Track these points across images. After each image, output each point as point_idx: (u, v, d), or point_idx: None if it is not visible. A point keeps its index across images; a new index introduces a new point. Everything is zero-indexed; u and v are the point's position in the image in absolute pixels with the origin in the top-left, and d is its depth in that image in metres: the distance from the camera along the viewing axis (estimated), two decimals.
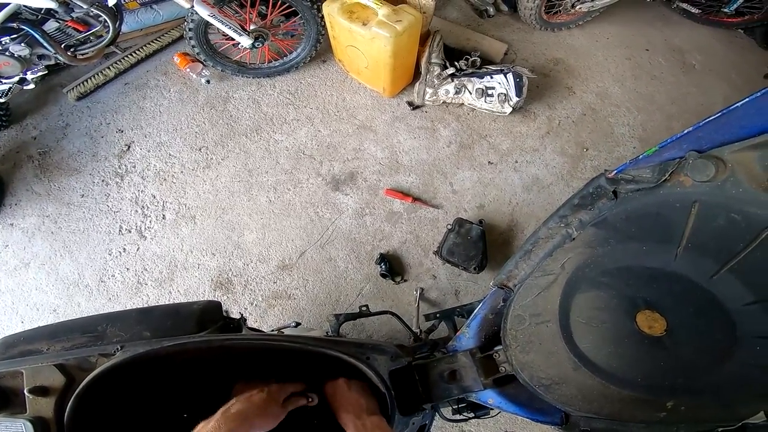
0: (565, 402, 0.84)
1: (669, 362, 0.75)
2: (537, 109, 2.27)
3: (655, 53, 2.59)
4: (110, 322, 0.88)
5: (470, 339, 1.02)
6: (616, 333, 0.80)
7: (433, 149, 2.14)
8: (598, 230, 0.86)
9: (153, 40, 2.40)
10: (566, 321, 0.85)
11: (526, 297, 0.90)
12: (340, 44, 2.12)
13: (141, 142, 2.18)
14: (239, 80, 2.31)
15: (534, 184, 2.08)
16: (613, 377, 0.79)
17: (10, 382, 0.76)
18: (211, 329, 0.91)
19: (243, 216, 2.00)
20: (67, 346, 0.84)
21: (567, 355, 0.83)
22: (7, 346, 0.86)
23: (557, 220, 0.94)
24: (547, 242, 0.94)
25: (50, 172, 2.15)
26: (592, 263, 0.85)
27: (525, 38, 2.54)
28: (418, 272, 1.91)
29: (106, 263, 1.95)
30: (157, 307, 0.96)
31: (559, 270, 0.88)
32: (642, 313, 0.78)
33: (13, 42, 1.66)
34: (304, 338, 0.86)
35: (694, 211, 0.75)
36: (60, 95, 2.31)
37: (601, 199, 0.88)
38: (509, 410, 0.95)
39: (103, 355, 0.77)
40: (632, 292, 0.80)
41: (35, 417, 0.71)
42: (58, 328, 0.90)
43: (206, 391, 0.88)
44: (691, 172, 0.75)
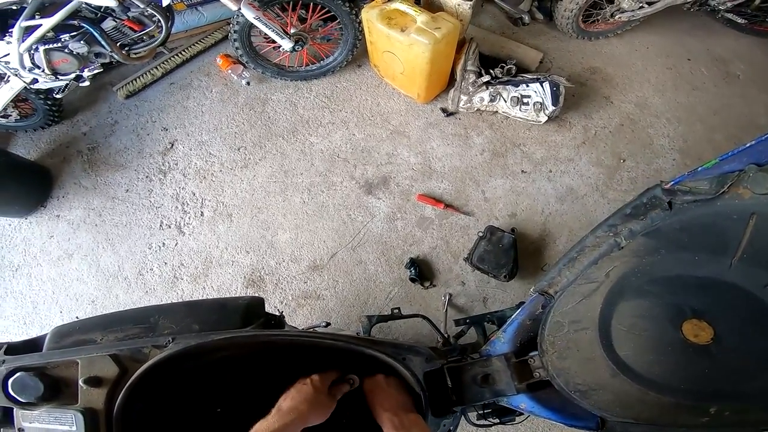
0: (602, 407, 0.83)
1: (714, 369, 0.75)
2: (573, 118, 2.22)
3: (696, 63, 2.49)
4: (161, 314, 0.89)
5: (505, 344, 1.02)
6: (659, 341, 0.80)
7: (466, 156, 2.12)
8: (648, 240, 0.85)
9: (197, 42, 2.48)
10: (606, 328, 0.84)
11: (566, 304, 0.89)
12: (377, 49, 2.13)
13: (184, 141, 2.25)
14: (277, 83, 2.35)
15: (568, 194, 2.03)
16: (654, 384, 0.78)
17: (63, 372, 0.77)
18: (254, 324, 0.92)
19: (277, 216, 2.04)
20: (120, 337, 0.85)
21: (605, 362, 0.83)
22: (60, 336, 0.88)
23: (606, 228, 0.92)
24: (593, 251, 0.92)
25: (97, 167, 2.24)
26: (639, 272, 0.84)
27: (561, 47, 2.49)
28: (447, 278, 1.89)
29: (146, 257, 2.02)
30: (204, 300, 0.99)
31: (603, 278, 0.87)
32: (689, 322, 0.77)
33: (73, 39, 1.74)
34: (347, 337, 0.87)
35: (751, 222, 0.74)
36: (110, 93, 2.41)
37: (654, 210, 0.87)
38: (542, 415, 0.94)
39: (155, 346, 0.77)
40: (680, 301, 0.80)
41: (86, 408, 0.72)
42: (111, 318, 0.92)
43: (239, 386, 0.90)
44: (751, 184, 0.75)
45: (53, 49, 1.75)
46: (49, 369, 0.76)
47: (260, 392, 0.90)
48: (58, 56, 1.78)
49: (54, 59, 1.79)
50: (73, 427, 0.71)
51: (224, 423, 0.90)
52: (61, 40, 1.73)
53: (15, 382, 0.73)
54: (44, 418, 0.73)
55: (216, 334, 0.79)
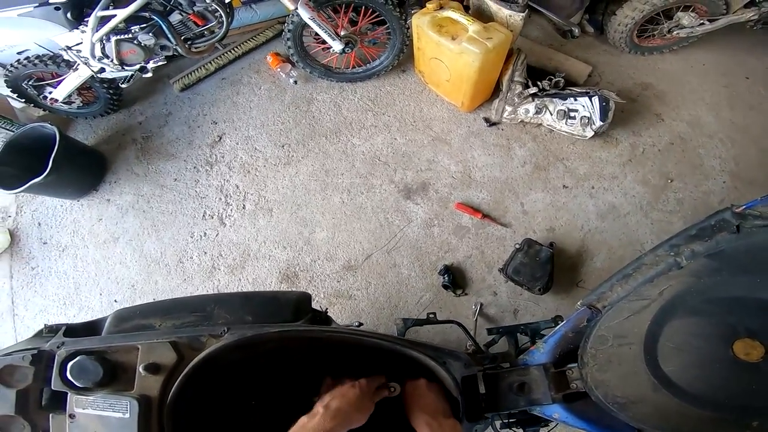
0: (640, 420, 0.83)
1: (761, 385, 0.74)
2: (620, 134, 2.15)
3: (755, 82, 2.36)
4: (217, 303, 0.91)
5: (544, 354, 1.02)
6: (707, 358, 0.79)
7: (507, 167, 2.10)
8: (711, 261, 0.84)
9: (249, 39, 2.56)
10: (653, 344, 0.84)
11: (614, 319, 0.89)
12: (424, 56, 2.14)
13: (231, 135, 2.34)
14: (323, 83, 2.40)
15: (609, 212, 1.98)
16: (696, 398, 0.78)
17: (123, 357, 0.76)
18: (303, 319, 0.94)
19: (316, 214, 2.08)
20: (178, 324, 0.86)
21: (647, 376, 0.82)
22: (120, 320, 0.89)
23: (667, 248, 0.91)
24: (650, 268, 0.92)
25: (150, 156, 2.36)
26: (695, 291, 0.83)
27: (611, 61, 2.42)
28: (480, 287, 1.88)
29: (187, 245, 2.10)
30: (258, 293, 1.02)
31: (656, 296, 0.85)
32: (741, 341, 0.76)
33: (142, 31, 1.83)
34: (391, 337, 0.87)
35: None
36: (166, 85, 2.52)
37: (721, 232, 0.86)
38: (575, 425, 0.95)
39: (212, 335, 0.78)
40: (734, 321, 0.79)
41: (141, 395, 0.71)
42: (171, 305, 0.94)
43: (275, 380, 0.92)
44: None
45: (124, 40, 1.84)
46: (108, 353, 0.75)
47: (294, 387, 0.92)
48: (128, 47, 1.88)
49: (123, 50, 1.89)
50: (127, 414, 0.70)
51: (258, 415, 0.92)
52: (131, 31, 1.82)
53: (74, 366, 0.71)
54: (98, 404, 0.71)
55: (270, 327, 0.80)
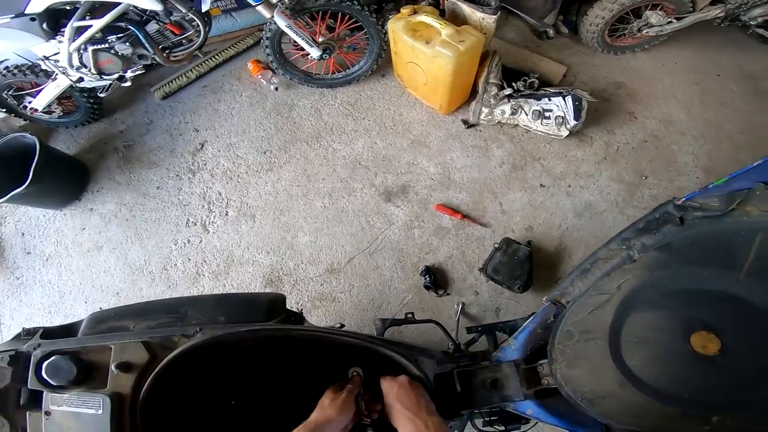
0: (608, 415, 0.85)
1: (719, 379, 0.77)
2: (595, 133, 2.21)
3: (726, 79, 2.43)
4: (191, 305, 0.93)
5: (515, 351, 1.04)
6: (668, 352, 0.82)
7: (485, 168, 2.14)
8: (660, 254, 0.87)
9: (230, 46, 2.58)
10: (616, 339, 0.86)
11: (578, 314, 0.91)
12: (401, 60, 2.17)
13: (213, 142, 2.35)
14: (304, 89, 2.42)
15: (586, 209, 2.02)
16: (660, 393, 0.80)
17: (95, 357, 0.79)
18: (276, 319, 0.96)
19: (298, 219, 2.10)
20: (152, 325, 0.89)
21: (614, 371, 0.85)
22: (96, 322, 0.91)
23: (619, 242, 0.94)
24: (606, 263, 0.95)
25: (132, 164, 2.36)
26: (650, 285, 0.86)
27: (585, 61, 2.48)
28: (461, 287, 1.91)
29: (171, 252, 2.11)
30: (232, 294, 1.04)
31: (615, 290, 0.89)
32: (697, 334, 0.79)
33: (119, 41, 1.84)
34: (363, 335, 0.89)
35: (758, 239, 0.77)
36: (147, 94, 2.53)
37: (666, 225, 0.90)
38: (547, 421, 0.97)
39: (184, 335, 0.81)
40: (689, 314, 0.82)
41: (114, 392, 0.74)
42: (145, 307, 0.97)
43: (255, 380, 0.94)
44: (758, 202, 0.78)
45: (100, 50, 1.86)
46: (83, 353, 0.79)
47: (274, 387, 0.94)
48: (105, 57, 1.89)
49: (100, 59, 1.90)
50: (100, 410, 0.73)
51: (237, 414, 0.94)
52: (108, 41, 1.83)
53: (49, 365, 0.75)
54: (73, 401, 0.75)
55: (241, 326, 0.82)
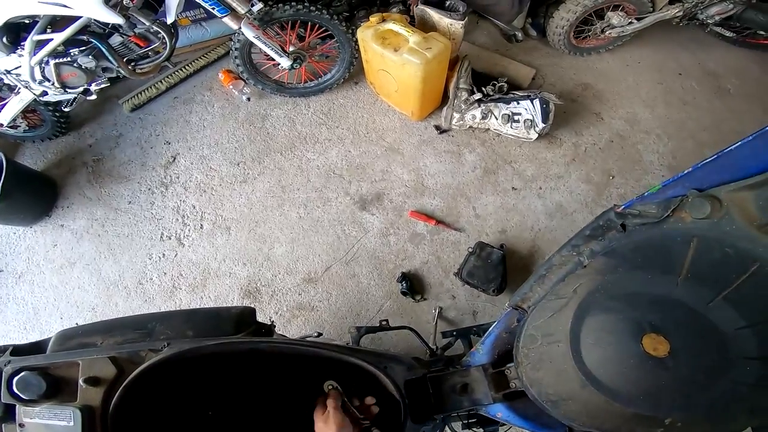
0: (571, 417, 0.88)
1: (670, 381, 0.80)
2: (563, 135, 2.27)
3: (688, 78, 2.53)
4: (159, 321, 0.95)
5: (483, 355, 1.07)
6: (623, 354, 0.84)
7: (458, 173, 2.18)
8: (608, 259, 0.91)
9: (200, 57, 2.55)
10: (576, 342, 0.89)
11: (539, 318, 0.95)
12: (372, 68, 2.19)
13: (185, 155, 2.33)
14: (277, 99, 2.42)
15: (557, 211, 2.08)
16: (618, 395, 0.83)
17: (64, 372, 0.81)
18: (245, 332, 0.98)
19: (274, 230, 2.10)
20: (120, 341, 0.91)
21: (575, 373, 0.87)
22: (65, 339, 0.93)
23: (570, 248, 0.97)
24: (560, 268, 0.98)
25: (102, 179, 2.32)
26: (602, 289, 0.89)
27: (553, 63, 2.54)
28: (438, 292, 1.95)
29: (146, 267, 2.09)
30: (200, 309, 1.05)
31: (571, 294, 0.92)
32: (648, 336, 0.82)
33: (81, 54, 1.81)
34: (330, 346, 0.92)
35: (693, 245, 0.79)
36: (115, 106, 2.49)
37: (610, 231, 0.93)
38: (516, 424, 1.00)
39: (152, 350, 0.83)
40: (639, 317, 0.85)
41: (84, 405, 0.77)
42: (112, 324, 0.98)
43: (231, 392, 0.96)
44: (690, 209, 0.80)
45: (63, 63, 1.82)
46: (51, 369, 0.81)
47: (252, 398, 0.97)
48: (68, 70, 1.86)
49: (63, 73, 1.86)
50: (71, 422, 0.76)
51: (215, 426, 0.96)
52: (70, 54, 1.80)
53: (19, 380, 0.78)
54: (44, 414, 0.78)
55: (209, 340, 0.84)
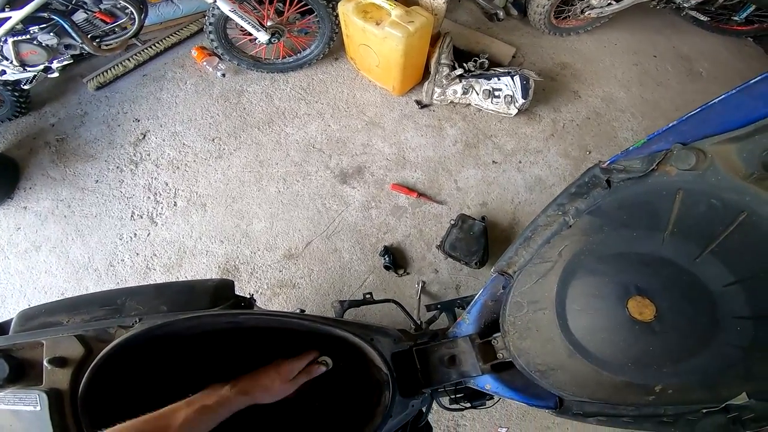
0: (560, 387, 0.87)
1: (658, 347, 0.79)
2: (542, 111, 2.36)
3: (662, 60, 2.67)
4: (129, 296, 0.91)
5: (470, 325, 1.05)
6: (609, 320, 0.83)
7: (440, 147, 2.23)
8: (593, 218, 0.91)
9: (172, 34, 2.52)
10: (562, 308, 0.89)
11: (524, 284, 0.94)
12: (353, 42, 2.22)
13: (156, 132, 2.29)
14: (253, 75, 2.42)
15: (537, 184, 2.17)
16: (606, 363, 0.82)
17: (28, 354, 0.78)
18: (223, 306, 0.94)
19: (252, 205, 2.10)
20: (87, 319, 0.86)
21: (562, 342, 0.87)
22: (26, 319, 0.89)
23: (555, 208, 0.98)
24: (545, 229, 0.98)
25: (66, 158, 2.26)
26: (587, 250, 0.89)
27: (533, 42, 2.63)
28: (421, 266, 1.99)
29: (116, 248, 2.05)
30: (173, 282, 1.00)
31: (556, 257, 0.91)
32: (633, 300, 0.81)
33: (42, 31, 1.76)
34: (314, 317, 0.89)
35: (678, 198, 0.80)
36: (79, 84, 2.42)
37: (595, 188, 0.93)
38: (506, 395, 0.99)
39: (121, 326, 0.79)
40: (624, 279, 0.84)
41: (50, 388, 0.73)
42: (77, 300, 0.93)
43: (213, 371, 0.92)
44: (675, 161, 0.82)
45: (22, 41, 1.77)
46: (14, 351, 0.78)
47: (235, 369, 0.92)
48: (27, 48, 1.81)
49: (22, 51, 1.82)
50: (38, 407, 0.72)
51: None
52: (30, 32, 1.75)
53: None
54: (9, 399, 0.74)
55: (183, 314, 0.80)
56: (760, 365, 0.71)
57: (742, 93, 0.79)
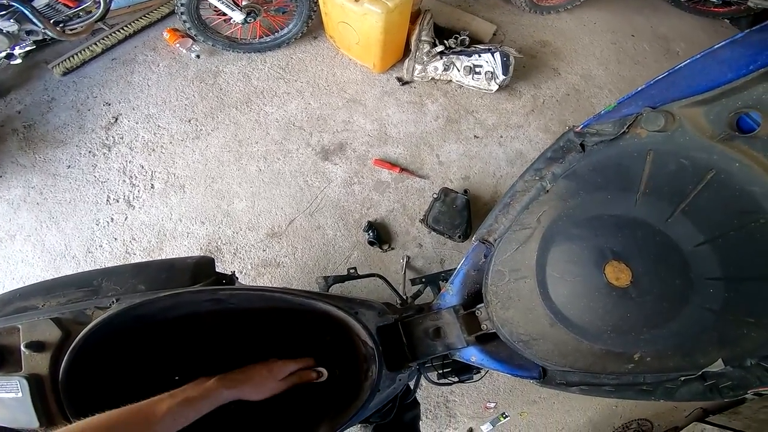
0: (543, 357, 0.91)
1: (635, 313, 0.81)
2: (523, 88, 2.46)
3: (640, 39, 2.81)
4: (106, 276, 0.92)
5: (453, 296, 1.09)
6: (588, 286, 0.86)
7: (421, 123, 2.31)
8: (569, 182, 0.93)
9: (141, 17, 2.51)
10: (543, 276, 0.91)
11: (505, 252, 0.97)
12: (332, 20, 2.27)
13: (129, 115, 2.30)
14: (230, 55, 2.45)
15: (518, 158, 2.26)
16: (586, 332, 0.85)
17: (5, 340, 0.78)
18: (204, 283, 0.95)
19: (233, 185, 2.14)
20: (63, 302, 0.87)
21: (544, 311, 0.90)
22: (2, 304, 0.90)
23: (532, 173, 1.02)
24: (523, 195, 1.02)
25: (35, 145, 2.25)
26: (564, 215, 0.91)
27: (514, 20, 2.73)
28: (405, 240, 2.06)
29: (94, 234, 2.06)
30: (152, 261, 1.01)
31: (535, 223, 0.95)
32: (609, 265, 0.84)
33: (2, 18, 1.75)
34: (297, 291, 0.90)
35: (649, 158, 0.83)
36: (45, 71, 2.41)
37: (570, 152, 0.97)
38: (491, 366, 1.03)
39: (99, 308, 0.80)
40: (600, 243, 0.86)
41: (30, 374, 0.73)
42: (53, 283, 0.95)
43: (203, 362, 0.93)
44: (645, 123, 0.85)
45: None
46: None
47: (220, 361, 0.91)
48: None
49: None
50: (20, 393, 0.72)
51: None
52: None
53: None
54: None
55: (162, 292, 0.80)
56: (732, 329, 0.72)
57: (707, 57, 0.82)
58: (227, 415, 0.88)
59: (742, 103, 0.74)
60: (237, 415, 0.92)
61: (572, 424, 2.22)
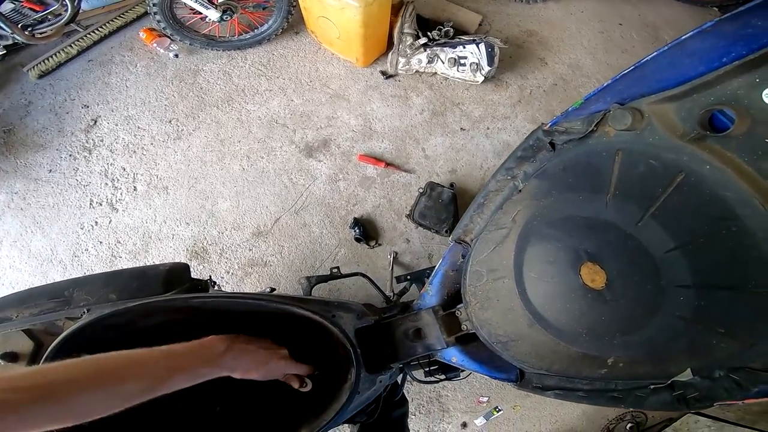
0: (520, 359, 0.93)
1: (609, 316, 0.81)
2: (509, 78, 2.51)
3: (628, 28, 2.86)
4: (77, 286, 0.95)
5: (433, 297, 1.11)
6: (564, 287, 0.86)
7: (406, 116, 2.36)
8: (540, 182, 0.94)
9: (116, 17, 2.53)
10: (521, 276, 0.92)
11: (482, 252, 0.98)
12: (312, 15, 2.32)
13: (108, 117, 2.34)
14: (209, 53, 2.49)
15: (505, 149, 2.32)
16: (563, 333, 0.87)
17: None
18: (177, 290, 0.96)
19: (216, 184, 2.19)
20: (35, 312, 0.90)
21: (522, 311, 0.91)
22: None
23: (504, 172, 1.01)
24: (497, 195, 1.02)
25: (15, 149, 2.29)
26: (539, 215, 0.92)
27: (500, 10, 2.78)
28: (392, 236, 2.12)
29: (79, 238, 2.11)
30: (123, 270, 1.03)
31: (510, 223, 0.95)
32: (585, 266, 0.84)
33: None
34: (270, 296, 0.91)
35: (618, 159, 0.81)
36: (20, 74, 2.44)
37: (541, 151, 0.97)
38: (471, 368, 1.05)
39: (69, 318, 0.83)
40: (575, 244, 0.86)
41: None
42: (25, 295, 0.98)
43: None
44: (612, 122, 0.82)
45: None
46: None
47: None
48: None
49: None
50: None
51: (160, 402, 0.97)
52: None
53: None
54: None
55: (132, 301, 0.82)
56: (702, 338, 0.72)
57: (676, 49, 0.79)
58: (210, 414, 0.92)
59: (714, 99, 0.71)
60: (219, 414, 0.96)
61: (566, 417, 2.29)
